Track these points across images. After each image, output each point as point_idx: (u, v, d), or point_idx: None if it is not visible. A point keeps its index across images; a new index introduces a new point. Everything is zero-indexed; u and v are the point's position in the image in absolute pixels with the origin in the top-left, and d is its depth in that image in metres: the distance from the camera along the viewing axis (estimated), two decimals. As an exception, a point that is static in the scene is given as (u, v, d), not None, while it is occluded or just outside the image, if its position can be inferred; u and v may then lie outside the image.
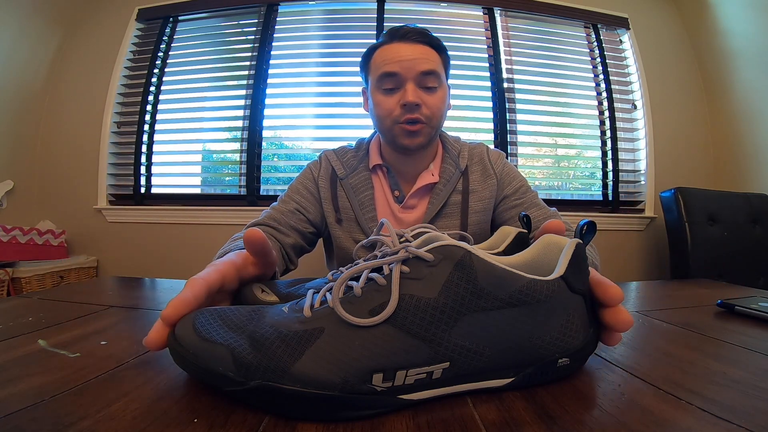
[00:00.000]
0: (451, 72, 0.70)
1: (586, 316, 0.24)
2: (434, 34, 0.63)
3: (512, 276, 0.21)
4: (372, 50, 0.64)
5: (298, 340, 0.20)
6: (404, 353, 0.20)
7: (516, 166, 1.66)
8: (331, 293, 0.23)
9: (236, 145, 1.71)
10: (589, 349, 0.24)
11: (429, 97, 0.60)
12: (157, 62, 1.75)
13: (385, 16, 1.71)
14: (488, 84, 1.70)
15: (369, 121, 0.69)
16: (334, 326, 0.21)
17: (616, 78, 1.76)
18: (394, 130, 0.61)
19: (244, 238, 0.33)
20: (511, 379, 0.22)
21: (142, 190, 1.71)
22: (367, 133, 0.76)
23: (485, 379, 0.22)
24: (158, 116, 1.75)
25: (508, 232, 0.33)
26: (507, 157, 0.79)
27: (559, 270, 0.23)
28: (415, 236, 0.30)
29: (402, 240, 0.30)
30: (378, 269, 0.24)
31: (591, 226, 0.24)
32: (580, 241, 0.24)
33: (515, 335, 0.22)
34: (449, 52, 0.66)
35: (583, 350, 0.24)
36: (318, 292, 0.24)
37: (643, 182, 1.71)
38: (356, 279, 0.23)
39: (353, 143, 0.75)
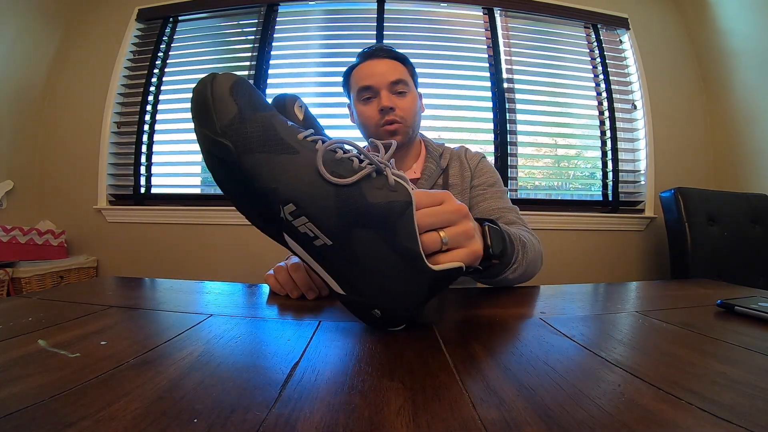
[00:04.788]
0: (451, 72, 0.73)
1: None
2: (400, 50, 0.75)
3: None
4: (350, 71, 0.75)
5: (280, 145, 0.28)
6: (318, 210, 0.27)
7: (516, 166, 1.68)
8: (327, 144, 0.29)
9: (236, 145, 1.71)
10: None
11: (401, 101, 0.71)
12: (157, 62, 1.75)
13: (385, 16, 1.71)
14: (488, 84, 1.70)
15: None
16: (306, 153, 0.27)
17: (616, 78, 1.76)
18: (378, 133, 0.71)
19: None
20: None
21: (142, 190, 1.71)
22: None
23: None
24: (158, 116, 1.75)
25: None
26: (507, 158, 0.82)
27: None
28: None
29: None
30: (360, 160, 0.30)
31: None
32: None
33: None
34: (449, 52, 0.69)
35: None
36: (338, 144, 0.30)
37: (643, 182, 1.71)
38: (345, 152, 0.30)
39: None
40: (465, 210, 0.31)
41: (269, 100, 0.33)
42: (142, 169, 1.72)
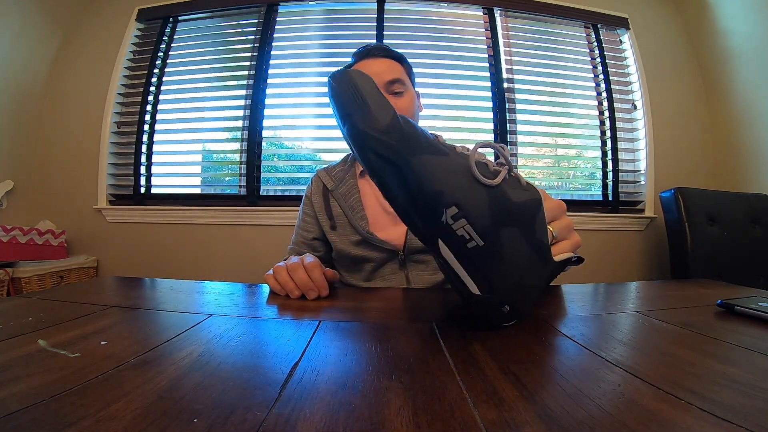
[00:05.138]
0: (451, 72, 0.72)
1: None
2: (397, 50, 0.74)
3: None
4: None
5: (434, 147, 0.29)
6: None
7: (516, 166, 1.68)
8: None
9: (236, 145, 1.71)
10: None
11: (398, 101, 0.70)
12: (157, 62, 1.75)
13: (385, 16, 1.71)
14: (488, 84, 1.70)
15: None
16: (453, 156, 0.28)
17: (616, 78, 1.76)
18: None
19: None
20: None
21: (142, 190, 1.71)
22: None
23: None
24: (158, 116, 1.75)
25: None
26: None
27: None
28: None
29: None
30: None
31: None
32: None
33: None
34: (449, 52, 0.68)
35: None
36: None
37: (643, 182, 1.71)
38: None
39: (340, 159, 0.86)
40: (564, 206, 0.35)
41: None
42: (142, 169, 1.72)
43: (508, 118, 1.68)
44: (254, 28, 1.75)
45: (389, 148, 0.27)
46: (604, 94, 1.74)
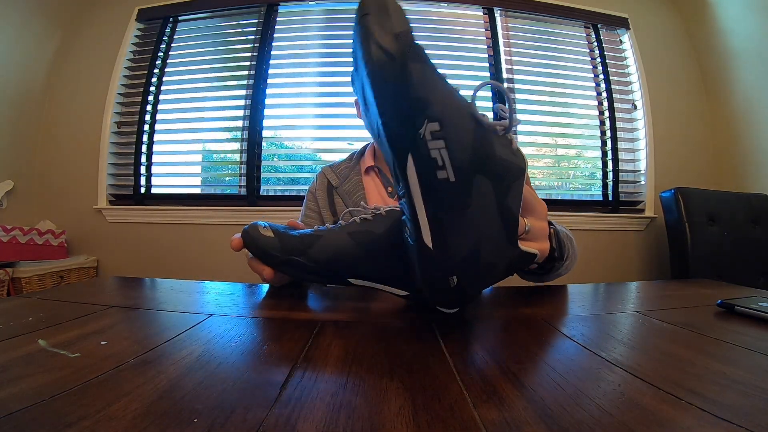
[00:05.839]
0: (452, 72, 0.72)
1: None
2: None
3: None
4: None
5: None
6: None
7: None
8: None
9: (236, 145, 1.71)
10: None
11: None
12: (157, 62, 1.75)
13: (385, 16, 1.71)
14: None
15: None
16: (456, 90, 0.28)
17: (616, 78, 1.76)
18: None
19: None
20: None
21: (142, 190, 1.71)
22: (365, 132, 0.80)
23: None
24: (158, 116, 1.75)
25: None
26: None
27: None
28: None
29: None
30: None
31: None
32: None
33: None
34: (449, 52, 0.68)
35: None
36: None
37: (643, 182, 1.71)
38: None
39: (347, 155, 0.86)
40: (547, 210, 0.34)
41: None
42: (143, 169, 1.72)
43: (508, 118, 1.68)
44: (254, 28, 1.75)
45: (394, 44, 0.26)
46: (604, 94, 1.74)
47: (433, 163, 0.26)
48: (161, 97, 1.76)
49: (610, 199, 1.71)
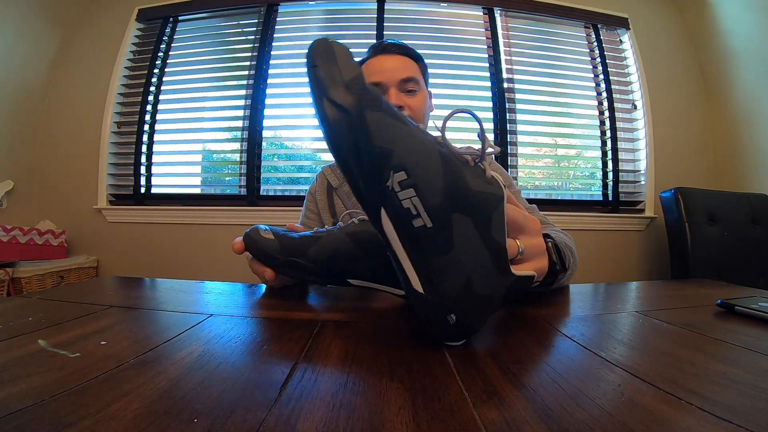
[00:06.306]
0: (451, 72, 0.72)
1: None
2: (411, 46, 0.74)
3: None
4: (359, 64, 0.73)
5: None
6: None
7: (516, 166, 1.68)
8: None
9: (236, 145, 1.71)
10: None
11: (410, 99, 0.69)
12: (157, 62, 1.75)
13: (385, 16, 1.71)
14: (488, 84, 1.70)
15: None
16: (414, 128, 0.27)
17: (616, 78, 1.76)
18: None
19: None
20: None
21: (143, 190, 1.71)
22: None
23: None
24: (158, 116, 1.75)
25: None
26: (507, 158, 0.82)
27: None
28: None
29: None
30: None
31: None
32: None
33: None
34: (449, 52, 0.68)
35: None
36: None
37: (643, 182, 1.71)
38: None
39: None
40: (539, 225, 0.32)
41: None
42: (143, 169, 1.72)
43: (508, 118, 1.68)
44: (254, 28, 1.75)
45: (346, 97, 0.26)
46: (604, 94, 1.74)
47: (407, 213, 0.25)
48: (161, 97, 1.76)
49: (610, 199, 1.71)
